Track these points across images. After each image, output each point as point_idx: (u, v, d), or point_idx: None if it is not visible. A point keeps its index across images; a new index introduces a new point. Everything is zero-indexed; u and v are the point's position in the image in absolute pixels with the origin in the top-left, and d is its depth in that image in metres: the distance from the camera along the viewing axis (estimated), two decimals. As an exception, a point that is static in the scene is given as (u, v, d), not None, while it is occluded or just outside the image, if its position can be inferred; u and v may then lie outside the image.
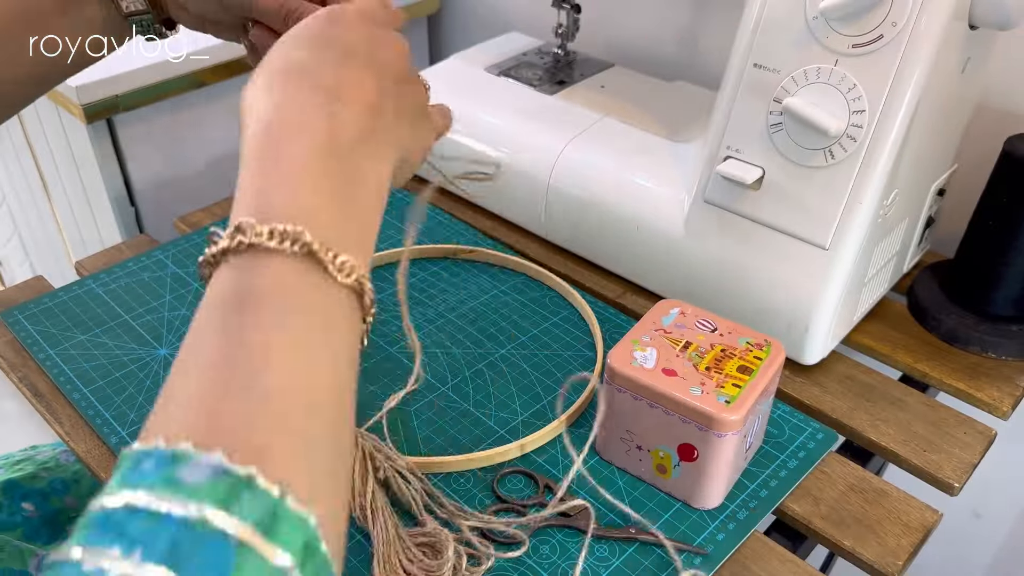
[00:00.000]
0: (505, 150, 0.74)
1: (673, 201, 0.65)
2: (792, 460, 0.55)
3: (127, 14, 0.52)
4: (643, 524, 0.49)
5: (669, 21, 0.89)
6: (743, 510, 0.51)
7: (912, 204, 0.63)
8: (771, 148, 0.58)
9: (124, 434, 0.56)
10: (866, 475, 0.54)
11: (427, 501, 0.51)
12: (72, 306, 0.67)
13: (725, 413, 0.47)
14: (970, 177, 0.70)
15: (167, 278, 0.70)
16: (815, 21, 0.55)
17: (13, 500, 0.65)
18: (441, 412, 0.58)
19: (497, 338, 0.64)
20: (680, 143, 0.69)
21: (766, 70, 0.57)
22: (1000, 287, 0.63)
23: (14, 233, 1.38)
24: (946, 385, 0.61)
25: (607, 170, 0.68)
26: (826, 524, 0.51)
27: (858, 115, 0.54)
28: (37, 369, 0.61)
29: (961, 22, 0.54)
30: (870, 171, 0.55)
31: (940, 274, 0.69)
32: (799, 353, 0.60)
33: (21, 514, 0.64)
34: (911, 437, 0.57)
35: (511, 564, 0.48)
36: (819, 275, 0.57)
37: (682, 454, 0.50)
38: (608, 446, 0.54)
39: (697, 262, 0.63)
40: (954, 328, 0.64)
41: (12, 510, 0.64)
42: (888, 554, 0.49)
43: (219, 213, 0.79)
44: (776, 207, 0.59)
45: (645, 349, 0.51)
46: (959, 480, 0.54)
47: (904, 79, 0.53)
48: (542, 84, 0.79)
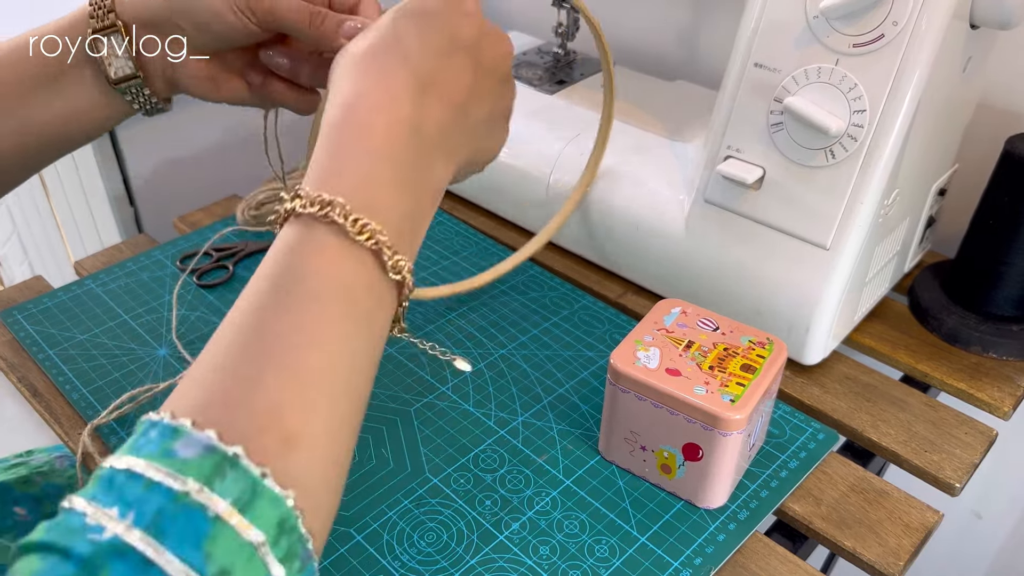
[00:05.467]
0: (505, 150, 0.74)
1: (673, 201, 0.64)
2: (793, 460, 0.55)
3: (115, 81, 0.47)
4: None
5: (670, 20, 0.89)
6: (744, 510, 0.51)
7: (913, 204, 0.63)
8: (772, 148, 0.58)
9: (123, 434, 0.56)
10: (867, 475, 0.54)
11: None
12: (71, 306, 0.67)
13: (730, 412, 0.47)
14: (971, 177, 0.69)
15: (166, 278, 0.70)
16: (816, 20, 0.55)
17: (5, 504, 0.64)
18: (441, 412, 0.58)
19: (497, 338, 0.64)
20: (680, 143, 0.69)
21: (767, 69, 0.57)
22: (1001, 287, 0.63)
23: (13, 233, 1.38)
24: (947, 385, 0.61)
25: (607, 169, 0.68)
26: (827, 524, 0.51)
27: (859, 115, 0.54)
28: (36, 369, 0.61)
29: (962, 22, 0.54)
30: (871, 171, 0.54)
31: (941, 274, 0.69)
32: (800, 353, 0.60)
33: (12, 517, 0.63)
34: (912, 437, 0.56)
35: (511, 564, 0.48)
36: (820, 275, 0.57)
37: (687, 454, 0.50)
38: (611, 447, 0.54)
39: (697, 262, 0.63)
40: (955, 328, 0.64)
41: (4, 513, 0.63)
42: (889, 555, 0.49)
43: (219, 213, 0.79)
44: (777, 207, 0.58)
45: (648, 349, 0.51)
46: (960, 480, 0.54)
47: (905, 79, 0.52)
48: (542, 83, 0.79)
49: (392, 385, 0.60)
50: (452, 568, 0.48)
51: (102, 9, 0.46)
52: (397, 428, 0.57)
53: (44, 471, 0.68)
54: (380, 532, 0.50)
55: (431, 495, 0.52)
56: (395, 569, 0.48)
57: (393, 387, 0.60)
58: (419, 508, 0.51)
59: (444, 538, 0.50)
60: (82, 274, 0.72)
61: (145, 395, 0.57)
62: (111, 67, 0.47)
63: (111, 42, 0.46)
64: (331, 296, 0.33)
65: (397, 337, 0.38)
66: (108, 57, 0.46)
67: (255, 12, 0.45)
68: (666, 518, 0.51)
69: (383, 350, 0.36)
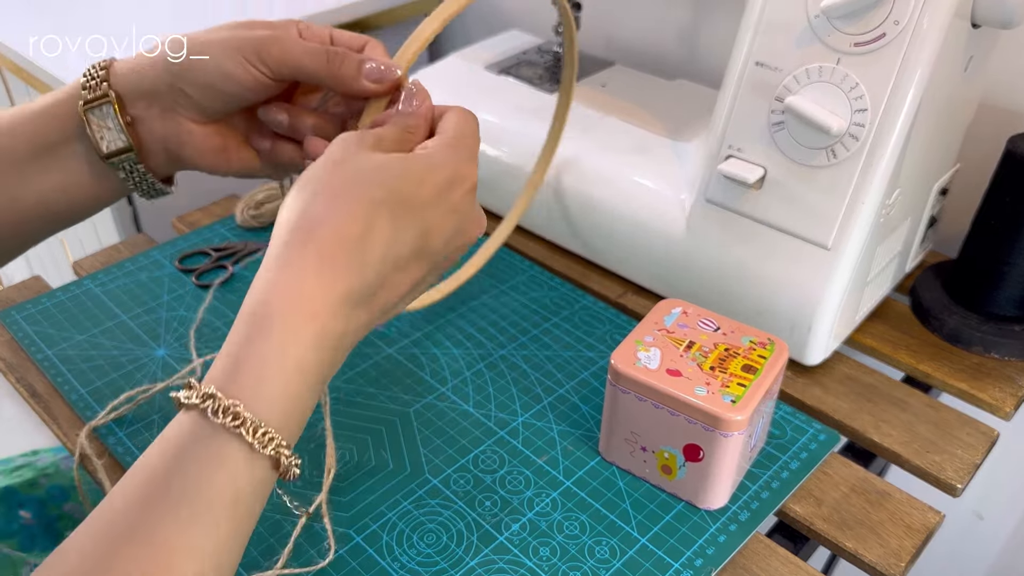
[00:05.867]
0: (505, 149, 0.73)
1: (674, 200, 0.64)
2: (794, 461, 0.55)
3: (106, 155, 0.44)
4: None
5: (670, 19, 0.89)
6: (745, 511, 0.51)
7: (914, 203, 0.63)
8: (773, 147, 0.58)
9: (122, 435, 0.55)
10: (868, 476, 0.54)
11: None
12: (70, 306, 0.66)
13: (731, 413, 0.47)
14: (973, 176, 0.69)
15: (165, 278, 0.69)
16: (817, 19, 0.54)
17: (10, 508, 0.64)
18: (441, 413, 0.58)
19: (497, 338, 0.64)
20: (681, 142, 0.69)
21: (768, 68, 0.57)
22: (1003, 287, 0.63)
23: (12, 233, 1.37)
24: (949, 386, 0.61)
25: (608, 169, 0.68)
26: (828, 525, 0.51)
27: (860, 114, 0.54)
28: (35, 369, 0.61)
29: (964, 21, 0.53)
30: (872, 170, 0.54)
31: (943, 274, 0.68)
32: (801, 353, 0.60)
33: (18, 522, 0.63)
34: (913, 438, 0.56)
35: (511, 566, 0.48)
36: (821, 275, 0.57)
37: (688, 454, 0.50)
38: (611, 448, 0.53)
39: (698, 262, 0.63)
40: (957, 328, 0.63)
41: (9, 518, 0.63)
42: (890, 555, 0.49)
43: (218, 213, 0.79)
44: (778, 206, 0.58)
45: (648, 349, 0.51)
46: (961, 481, 0.54)
47: (906, 78, 0.52)
48: (542, 83, 0.79)
49: (392, 385, 0.60)
50: (452, 569, 0.48)
51: (95, 79, 0.44)
52: (397, 429, 0.56)
53: (49, 473, 0.68)
54: (379, 533, 0.50)
55: (431, 496, 0.52)
56: (394, 570, 0.48)
57: (393, 387, 0.59)
58: (419, 509, 0.51)
59: (444, 539, 0.49)
60: (81, 274, 0.71)
61: (143, 396, 0.57)
62: (103, 140, 0.44)
63: (103, 113, 0.44)
64: (222, 504, 0.33)
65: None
66: (99, 129, 0.44)
67: (266, 62, 0.43)
68: (667, 519, 0.51)
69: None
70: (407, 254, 0.38)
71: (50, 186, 0.45)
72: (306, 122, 0.47)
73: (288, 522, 0.50)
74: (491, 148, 0.74)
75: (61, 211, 0.46)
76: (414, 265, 0.39)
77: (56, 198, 0.46)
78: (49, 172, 0.45)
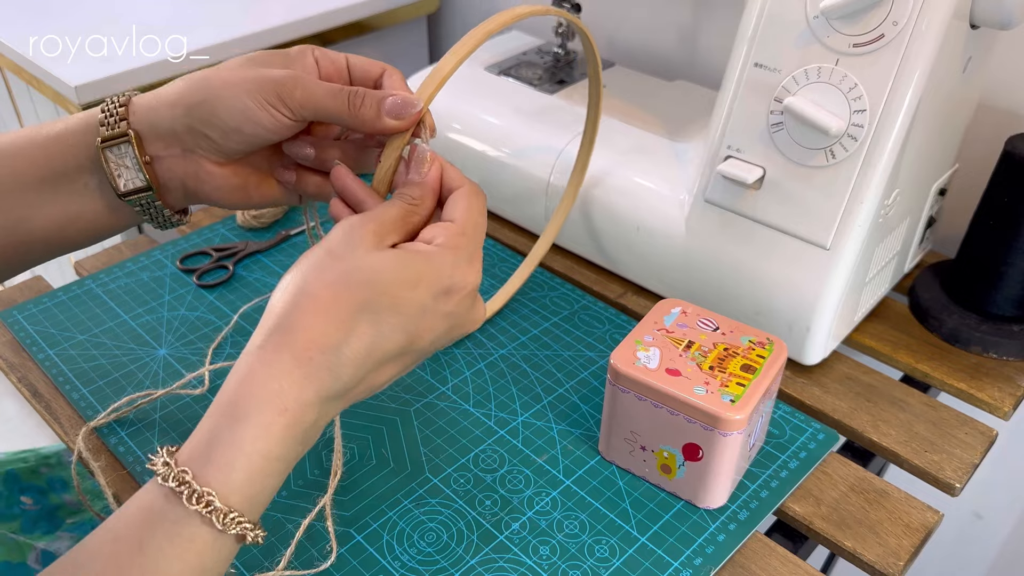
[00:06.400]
0: (505, 150, 0.74)
1: (673, 201, 0.64)
2: (793, 461, 0.55)
3: (123, 194, 0.44)
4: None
5: (670, 20, 0.89)
6: (744, 510, 0.51)
7: (913, 204, 0.63)
8: (772, 148, 0.58)
9: (123, 435, 0.56)
10: (867, 476, 0.54)
11: None
12: (71, 306, 0.67)
13: (730, 412, 0.47)
14: (971, 177, 0.69)
15: (166, 278, 0.70)
16: (816, 20, 0.55)
17: (12, 492, 0.65)
18: (441, 412, 0.58)
19: (497, 338, 0.64)
20: (680, 143, 0.69)
21: (767, 69, 0.57)
22: (1001, 287, 0.63)
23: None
24: (947, 385, 0.61)
25: (607, 170, 0.68)
26: (827, 525, 0.51)
27: (859, 115, 0.54)
28: (36, 369, 0.61)
29: (962, 21, 0.54)
30: (871, 171, 0.54)
31: (941, 274, 0.69)
32: (800, 353, 0.60)
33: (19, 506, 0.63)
34: (912, 437, 0.56)
35: (511, 565, 0.48)
36: (820, 275, 0.57)
37: (687, 454, 0.50)
38: (611, 447, 0.54)
39: (698, 262, 0.63)
40: (955, 328, 0.64)
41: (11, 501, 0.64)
42: (889, 555, 0.49)
43: (218, 213, 0.79)
44: (777, 207, 0.58)
45: (648, 349, 0.51)
46: (960, 481, 0.54)
47: (905, 78, 0.52)
48: (542, 83, 0.79)
49: (392, 385, 0.60)
50: (452, 568, 0.48)
51: (113, 116, 0.43)
52: (397, 428, 0.57)
53: (51, 463, 0.69)
54: (380, 532, 0.50)
55: (431, 495, 0.52)
56: (395, 569, 0.48)
57: (393, 387, 0.60)
58: (419, 508, 0.51)
59: (444, 538, 0.50)
60: (82, 274, 0.72)
61: (143, 400, 0.57)
62: (120, 179, 0.43)
63: (121, 152, 0.43)
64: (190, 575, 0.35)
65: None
66: (117, 168, 0.43)
67: (288, 105, 0.42)
68: (666, 518, 0.51)
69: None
70: (393, 351, 0.38)
71: (60, 213, 0.45)
72: (332, 153, 0.46)
73: (289, 521, 0.50)
74: (491, 150, 0.74)
75: (70, 236, 0.46)
76: (398, 360, 0.39)
77: (66, 225, 0.45)
78: (59, 201, 0.44)
